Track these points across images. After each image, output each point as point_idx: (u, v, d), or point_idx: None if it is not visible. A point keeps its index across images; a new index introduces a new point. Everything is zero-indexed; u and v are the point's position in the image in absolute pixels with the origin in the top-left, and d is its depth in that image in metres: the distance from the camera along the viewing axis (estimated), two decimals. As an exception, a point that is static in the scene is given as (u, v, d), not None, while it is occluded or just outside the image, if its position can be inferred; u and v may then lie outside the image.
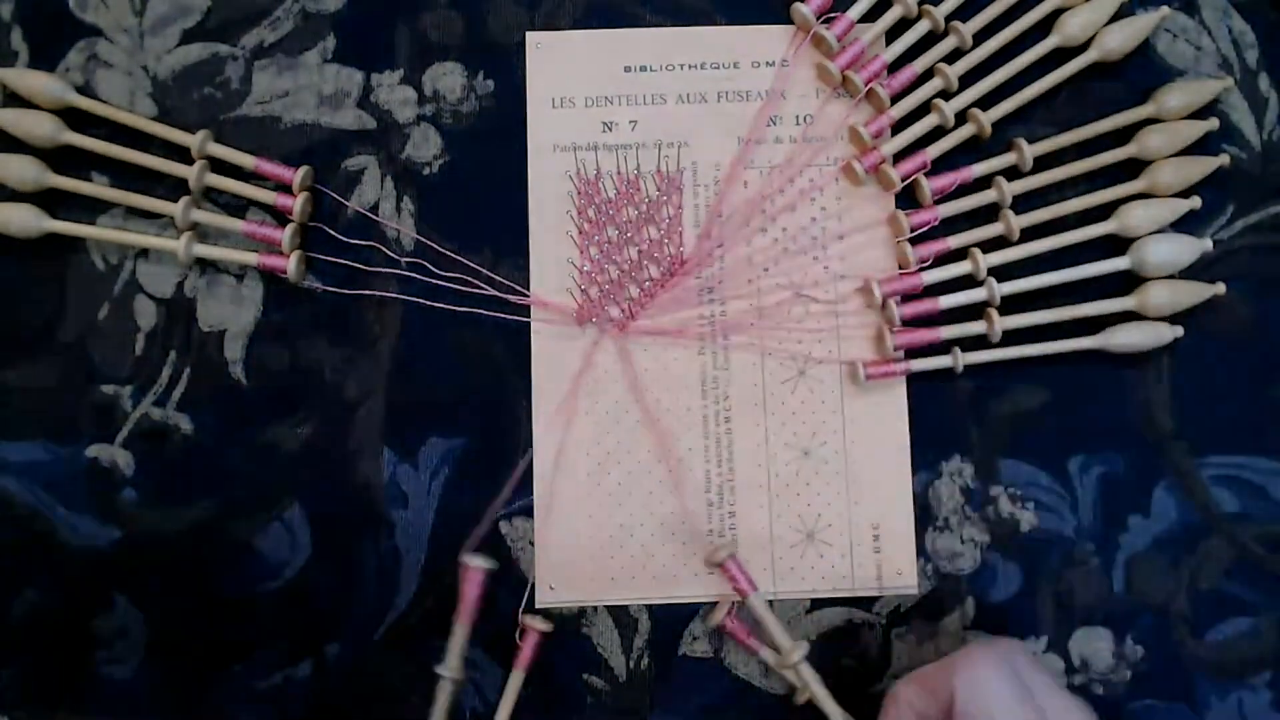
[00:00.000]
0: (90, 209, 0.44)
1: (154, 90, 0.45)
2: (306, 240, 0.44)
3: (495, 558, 0.43)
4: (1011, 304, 0.43)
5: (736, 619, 0.42)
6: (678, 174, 0.45)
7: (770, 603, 0.43)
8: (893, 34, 0.44)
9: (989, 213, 0.44)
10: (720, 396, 0.44)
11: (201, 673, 0.42)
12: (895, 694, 0.37)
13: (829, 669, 0.42)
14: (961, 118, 0.44)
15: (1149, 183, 0.43)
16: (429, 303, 0.44)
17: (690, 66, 0.45)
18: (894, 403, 0.44)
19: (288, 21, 0.45)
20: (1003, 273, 0.43)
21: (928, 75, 0.44)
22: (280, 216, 0.44)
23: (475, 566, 0.40)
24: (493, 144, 0.45)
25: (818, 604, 0.43)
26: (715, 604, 0.42)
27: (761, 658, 0.41)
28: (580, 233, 0.44)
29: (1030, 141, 0.43)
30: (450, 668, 0.39)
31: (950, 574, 0.43)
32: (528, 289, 0.44)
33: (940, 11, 0.44)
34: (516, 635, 0.41)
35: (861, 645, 0.42)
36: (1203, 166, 0.43)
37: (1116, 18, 0.44)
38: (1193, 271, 0.44)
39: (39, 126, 0.43)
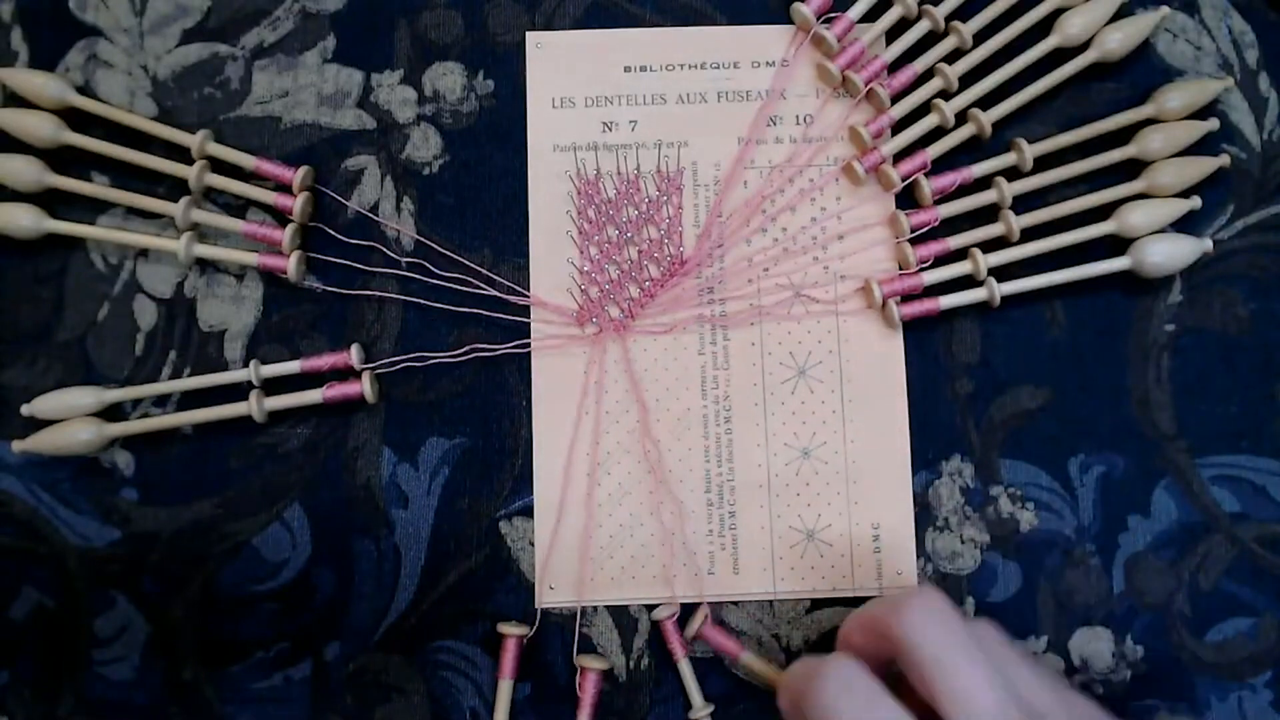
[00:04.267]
0: (90, 209, 0.44)
1: (154, 90, 0.45)
2: (306, 240, 0.44)
3: (495, 558, 0.43)
4: (1012, 304, 0.43)
5: (713, 626, 0.42)
6: (678, 174, 0.45)
7: (770, 603, 0.43)
8: (893, 34, 0.44)
9: (989, 213, 0.44)
10: (720, 396, 0.44)
11: (201, 672, 0.42)
12: (846, 638, 0.36)
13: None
14: (961, 118, 0.44)
15: (1149, 183, 0.43)
16: (429, 303, 0.44)
17: (690, 66, 0.45)
18: (894, 402, 0.44)
19: (288, 21, 0.45)
20: (1003, 273, 0.43)
21: (928, 75, 0.44)
22: (280, 216, 0.44)
23: (593, 668, 0.41)
24: (493, 144, 0.45)
25: (818, 604, 0.43)
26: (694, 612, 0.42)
27: (743, 661, 0.41)
28: (580, 233, 0.44)
29: (1030, 141, 0.43)
30: None
31: (950, 574, 0.43)
32: (528, 289, 0.44)
33: (940, 11, 0.44)
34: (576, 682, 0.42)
35: (861, 645, 0.42)
36: (1203, 166, 0.43)
37: (1116, 18, 0.44)
38: (1193, 271, 0.44)
39: (39, 126, 0.43)
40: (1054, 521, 0.43)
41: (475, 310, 0.44)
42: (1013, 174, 0.44)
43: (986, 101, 0.44)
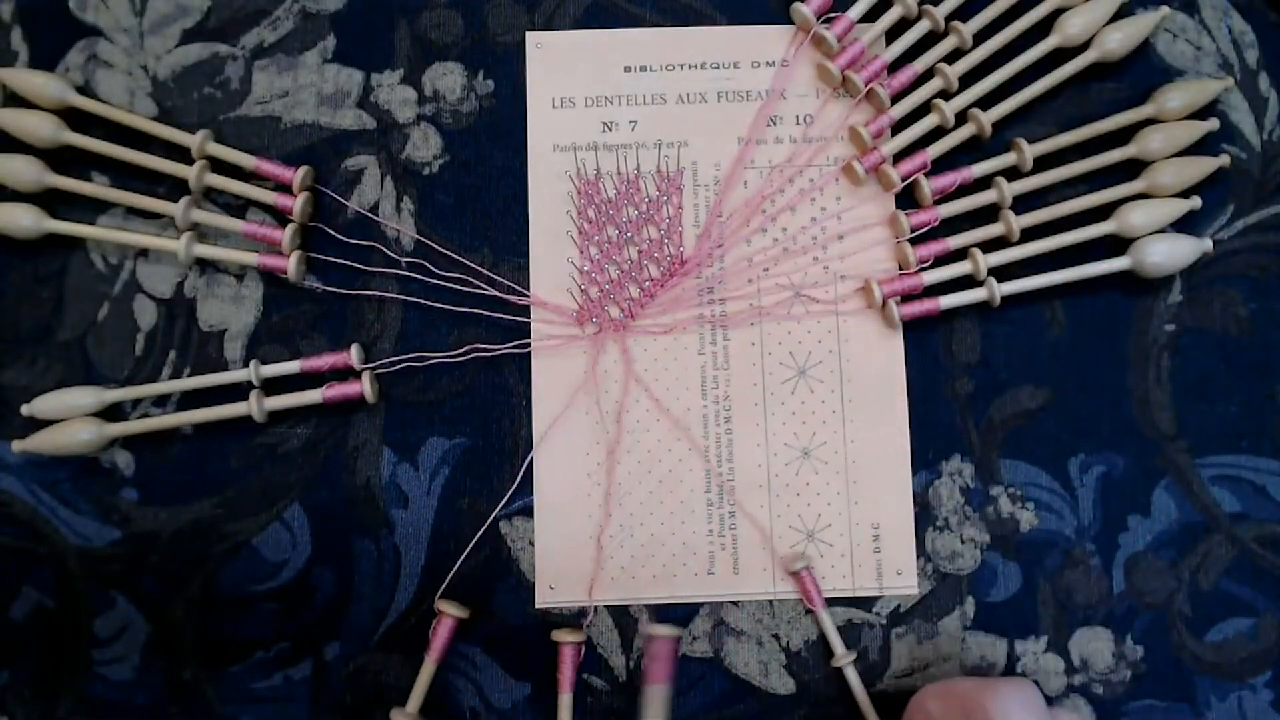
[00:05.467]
0: (90, 209, 0.44)
1: (154, 90, 0.45)
2: (306, 240, 0.44)
3: (495, 558, 0.43)
4: (1012, 304, 0.43)
5: (809, 574, 0.42)
6: (678, 174, 0.45)
7: (770, 603, 0.43)
8: (893, 34, 0.44)
9: (989, 213, 0.44)
10: (720, 396, 0.44)
11: (201, 672, 0.42)
12: (921, 703, 0.38)
13: (829, 669, 0.42)
14: (961, 118, 0.44)
15: (1149, 183, 0.43)
16: (429, 303, 0.44)
17: (690, 66, 0.45)
18: (894, 402, 0.44)
19: (288, 21, 0.45)
20: (1003, 273, 0.43)
21: (928, 75, 0.44)
22: (280, 216, 0.44)
23: (663, 636, 0.41)
24: (493, 144, 0.45)
25: (818, 604, 0.43)
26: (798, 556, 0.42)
27: (820, 619, 0.42)
28: (580, 233, 0.44)
29: (1030, 141, 0.43)
30: None
31: (950, 574, 0.43)
32: (528, 289, 0.44)
33: (940, 11, 0.44)
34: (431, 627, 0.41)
35: (861, 645, 0.42)
36: (1203, 166, 0.43)
37: (1116, 18, 0.44)
38: (1193, 271, 0.44)
39: (39, 126, 0.43)
40: (1054, 521, 0.43)
41: (475, 310, 0.44)
42: (1013, 174, 0.44)
43: (986, 101, 0.44)
